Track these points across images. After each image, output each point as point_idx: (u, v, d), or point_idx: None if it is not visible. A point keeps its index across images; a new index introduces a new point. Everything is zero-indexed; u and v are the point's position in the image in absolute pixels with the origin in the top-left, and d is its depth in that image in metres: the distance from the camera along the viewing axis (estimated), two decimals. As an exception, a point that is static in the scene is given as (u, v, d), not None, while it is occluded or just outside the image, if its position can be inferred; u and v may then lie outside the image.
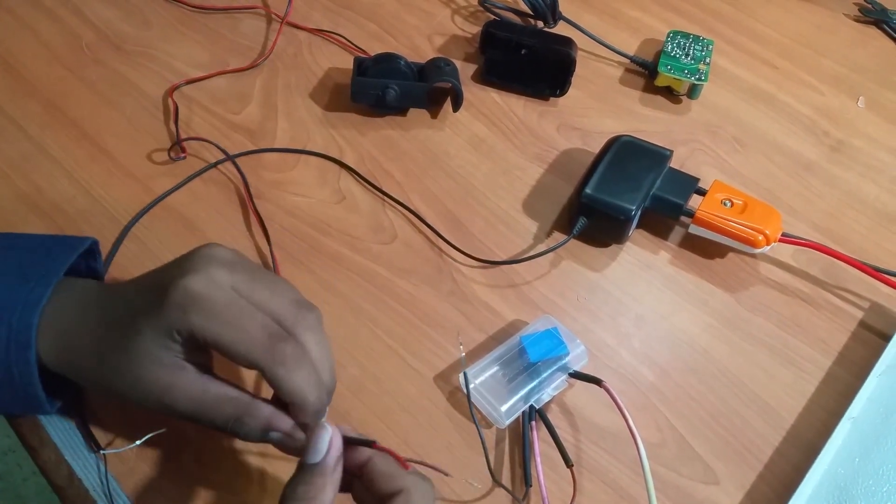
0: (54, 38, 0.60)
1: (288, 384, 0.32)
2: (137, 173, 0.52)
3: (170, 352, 0.33)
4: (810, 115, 0.60)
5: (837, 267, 0.50)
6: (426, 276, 0.49)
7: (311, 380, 0.33)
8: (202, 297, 0.33)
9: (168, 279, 0.33)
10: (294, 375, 0.33)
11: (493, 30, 0.58)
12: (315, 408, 0.33)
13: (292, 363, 0.33)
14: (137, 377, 0.33)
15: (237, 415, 0.34)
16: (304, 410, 0.33)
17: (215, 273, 0.33)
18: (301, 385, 0.33)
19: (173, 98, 0.56)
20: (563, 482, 0.41)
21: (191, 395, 0.33)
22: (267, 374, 0.32)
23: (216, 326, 0.32)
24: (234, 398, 0.34)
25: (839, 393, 0.45)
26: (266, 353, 0.32)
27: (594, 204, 0.49)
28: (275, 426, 0.34)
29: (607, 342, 0.47)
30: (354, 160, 0.54)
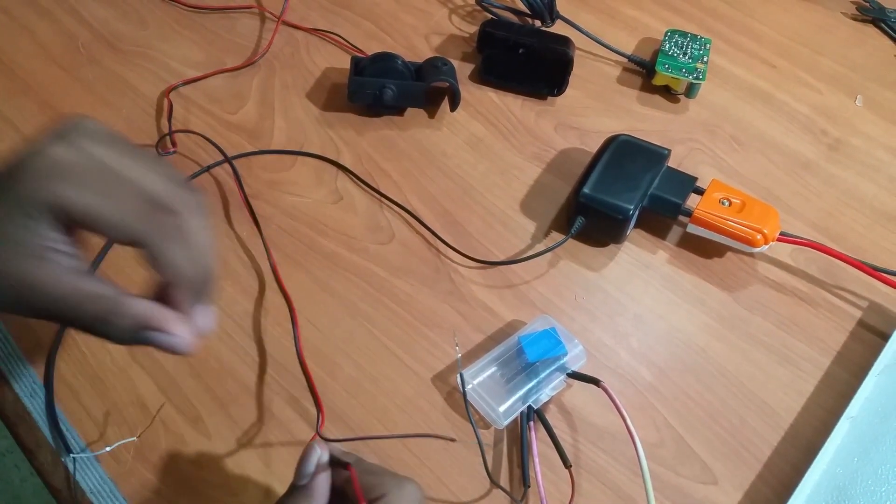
0: (50, 38, 0.60)
1: (169, 256, 0.30)
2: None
3: (31, 234, 0.28)
4: (808, 113, 0.60)
5: (836, 266, 0.50)
6: (424, 277, 0.49)
7: (193, 255, 0.30)
8: (70, 164, 0.28)
9: (30, 149, 0.29)
10: (176, 247, 0.30)
11: (490, 29, 0.58)
12: (196, 284, 0.31)
13: (175, 235, 0.30)
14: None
15: (105, 313, 0.29)
16: (185, 286, 0.31)
17: (86, 143, 0.29)
18: (183, 258, 0.30)
19: (169, 98, 0.56)
20: (562, 483, 0.41)
21: (55, 291, 0.29)
22: (146, 244, 0.29)
23: (87, 195, 0.28)
24: (102, 295, 0.30)
25: (838, 392, 0.45)
26: (145, 223, 0.29)
27: (592, 203, 0.48)
28: (149, 323, 0.30)
29: (605, 342, 0.47)
30: (352, 160, 0.54)
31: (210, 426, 0.42)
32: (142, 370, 0.43)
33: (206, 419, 0.42)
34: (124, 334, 0.30)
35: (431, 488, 0.41)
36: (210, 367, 0.44)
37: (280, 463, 0.41)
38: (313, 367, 0.44)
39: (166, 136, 0.53)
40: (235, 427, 0.42)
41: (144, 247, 0.29)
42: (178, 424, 0.42)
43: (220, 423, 0.42)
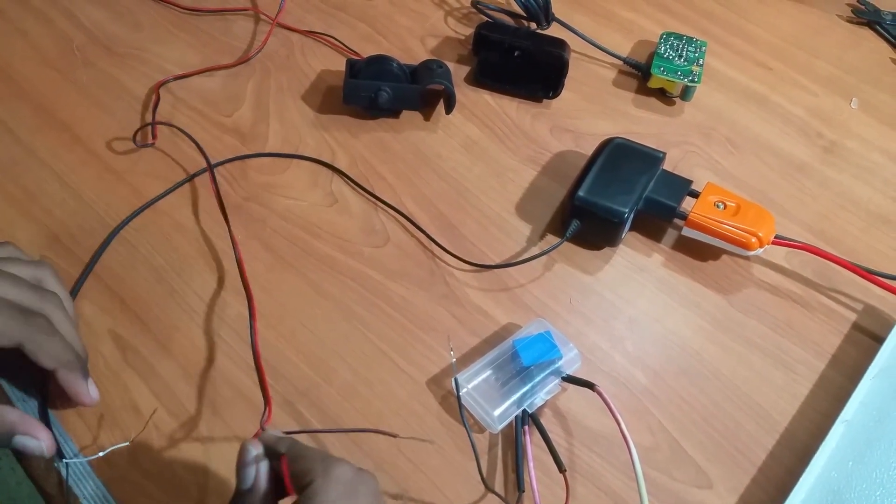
0: (44, 41, 0.60)
1: (50, 349, 0.36)
2: (128, 177, 0.52)
3: None
4: (803, 116, 0.60)
5: (830, 269, 0.50)
6: (418, 280, 0.49)
7: (67, 344, 0.37)
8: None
9: None
10: (51, 342, 0.36)
11: (485, 32, 0.58)
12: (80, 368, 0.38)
13: (48, 331, 0.36)
14: None
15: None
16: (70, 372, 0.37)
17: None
18: (58, 348, 0.37)
19: (158, 93, 0.55)
20: (556, 487, 0.41)
21: None
22: (28, 345, 0.35)
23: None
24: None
25: (832, 396, 0.45)
26: (23, 327, 0.35)
27: (587, 206, 0.48)
28: (20, 430, 0.36)
29: (600, 345, 0.47)
30: (346, 163, 0.54)
31: (204, 431, 0.42)
32: (135, 374, 0.43)
33: (199, 424, 0.42)
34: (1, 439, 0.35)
35: (426, 492, 0.41)
36: (204, 371, 0.44)
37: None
38: (308, 371, 0.44)
39: (148, 125, 0.54)
40: (230, 431, 0.42)
41: (26, 346, 0.35)
42: (171, 429, 0.41)
43: (215, 428, 0.42)
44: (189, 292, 0.47)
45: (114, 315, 0.45)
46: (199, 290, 0.47)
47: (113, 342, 0.44)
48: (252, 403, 0.43)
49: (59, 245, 0.48)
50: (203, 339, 0.45)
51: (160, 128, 0.54)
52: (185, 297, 0.47)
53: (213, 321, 0.46)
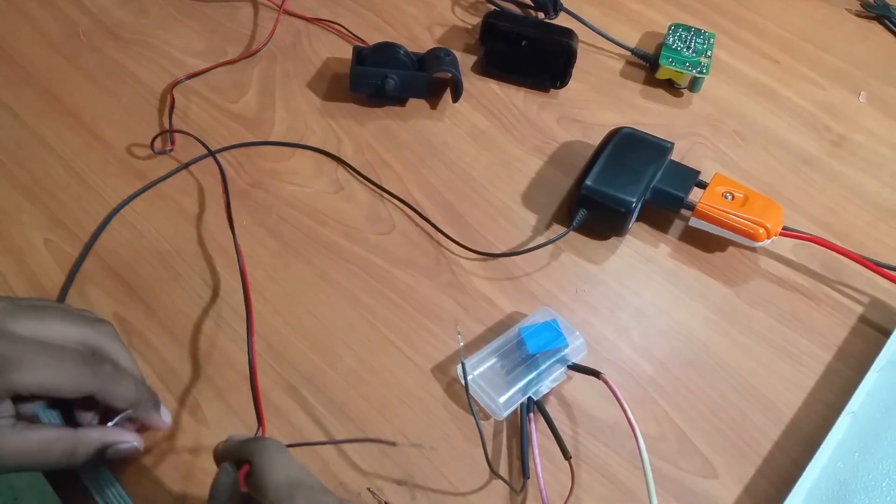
0: (50, 25, 0.59)
1: (121, 394, 0.36)
2: (133, 161, 0.52)
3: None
4: (811, 109, 0.60)
5: (838, 261, 0.50)
6: (424, 267, 0.48)
7: (134, 382, 0.37)
8: (12, 356, 0.33)
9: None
10: (121, 386, 0.36)
11: (493, 20, 0.58)
12: (150, 401, 0.39)
13: (116, 377, 0.36)
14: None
15: (69, 450, 0.35)
16: (142, 408, 0.38)
17: (9, 324, 0.34)
18: (130, 390, 0.37)
19: (172, 94, 0.55)
20: (561, 474, 0.41)
21: (15, 446, 0.33)
22: (100, 395, 0.35)
23: (38, 376, 0.33)
24: (58, 437, 0.35)
25: (838, 387, 0.45)
26: (92, 379, 0.35)
27: (594, 196, 0.48)
28: (109, 441, 0.36)
29: (606, 335, 0.47)
30: (352, 150, 0.54)
31: (209, 415, 0.41)
32: (140, 357, 0.43)
33: (204, 408, 0.42)
34: (92, 459, 0.36)
35: (430, 479, 0.40)
36: (209, 355, 0.44)
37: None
38: (314, 357, 0.44)
39: (166, 132, 0.53)
40: (234, 416, 0.42)
41: (98, 396, 0.35)
42: (176, 413, 0.41)
43: (220, 412, 0.42)
44: (194, 277, 0.47)
45: (119, 298, 0.45)
46: (205, 275, 0.47)
47: (118, 325, 0.43)
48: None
49: (63, 229, 0.48)
50: (209, 323, 0.45)
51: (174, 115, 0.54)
52: (191, 282, 0.46)
53: (219, 306, 0.46)
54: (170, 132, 0.53)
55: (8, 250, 0.47)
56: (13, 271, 0.46)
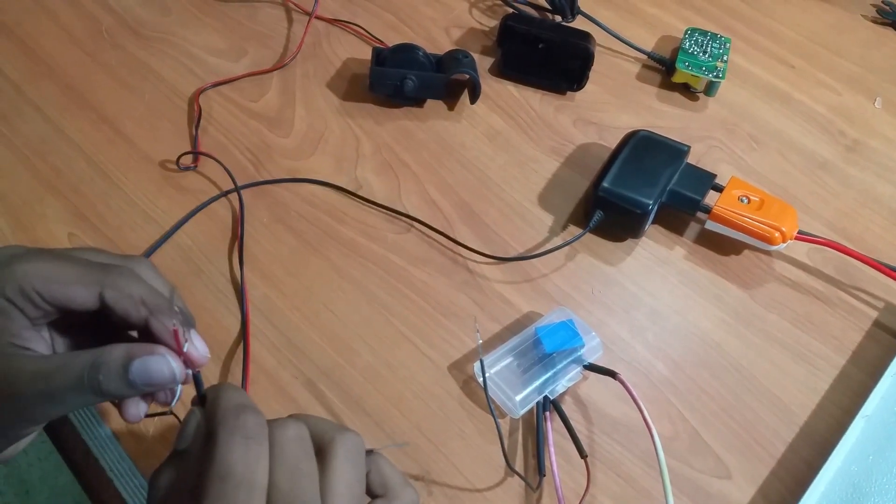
0: (74, 22, 0.60)
1: (134, 291, 0.31)
2: (155, 157, 0.52)
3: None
4: (826, 114, 0.60)
5: (852, 266, 0.50)
6: (441, 266, 0.49)
7: (156, 290, 0.32)
8: (22, 252, 0.31)
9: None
10: (139, 285, 0.31)
11: (511, 23, 0.58)
12: (173, 311, 0.31)
13: (134, 277, 0.31)
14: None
15: (90, 360, 0.29)
16: (165, 312, 0.31)
17: (27, 247, 0.32)
18: (147, 292, 0.31)
19: (198, 103, 0.55)
20: (577, 473, 0.41)
21: (33, 368, 0.29)
22: (108, 292, 0.30)
23: (47, 266, 0.30)
24: (79, 353, 0.30)
25: (852, 391, 0.45)
26: (103, 272, 0.31)
27: (611, 198, 0.49)
28: (136, 352, 0.30)
29: (621, 335, 0.47)
30: (371, 150, 0.54)
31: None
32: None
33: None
34: (115, 373, 0.29)
35: (446, 475, 0.41)
36: (230, 350, 0.44)
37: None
38: (331, 352, 0.45)
39: (191, 153, 0.53)
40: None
41: (106, 294, 0.30)
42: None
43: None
44: (215, 273, 0.47)
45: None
46: (225, 271, 0.47)
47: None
48: (276, 383, 0.43)
49: (85, 222, 0.49)
50: (230, 318, 0.45)
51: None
52: (212, 278, 0.47)
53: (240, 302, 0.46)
54: (195, 153, 0.53)
55: (32, 243, 0.48)
56: (37, 264, 0.47)
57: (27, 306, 0.30)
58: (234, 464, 0.26)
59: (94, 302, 0.30)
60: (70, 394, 0.29)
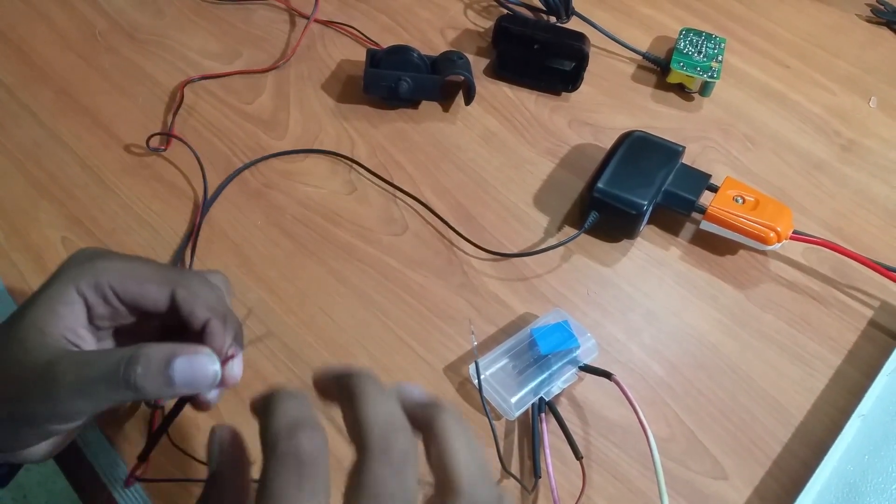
0: (67, 26, 0.60)
1: (205, 296, 0.32)
2: (149, 161, 0.52)
3: (57, 321, 0.30)
4: (822, 114, 0.60)
5: (848, 265, 0.50)
6: (437, 268, 0.49)
7: (218, 295, 0.33)
8: (102, 250, 0.33)
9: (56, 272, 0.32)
10: (209, 290, 0.33)
11: (506, 24, 0.58)
12: (235, 324, 0.33)
13: (205, 281, 0.33)
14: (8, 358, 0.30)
15: (129, 354, 0.29)
16: (228, 320, 0.32)
17: (105, 248, 0.34)
18: (216, 298, 0.32)
19: (182, 92, 0.56)
20: (572, 474, 0.41)
21: (74, 358, 0.29)
22: (181, 291, 0.32)
23: (121, 263, 0.32)
24: (118, 348, 0.30)
25: (848, 391, 0.45)
26: (176, 273, 0.32)
27: (606, 198, 0.49)
28: (178, 352, 0.29)
29: (617, 337, 0.47)
30: (366, 152, 0.54)
31: (224, 412, 0.42)
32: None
33: (220, 404, 0.42)
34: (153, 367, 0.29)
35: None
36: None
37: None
38: (328, 356, 0.45)
39: (165, 135, 0.53)
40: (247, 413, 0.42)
41: (179, 293, 0.31)
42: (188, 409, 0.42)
43: (235, 409, 0.42)
44: (210, 276, 0.47)
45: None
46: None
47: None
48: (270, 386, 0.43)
49: (80, 227, 0.49)
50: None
51: (189, 113, 0.55)
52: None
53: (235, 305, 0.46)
54: (168, 135, 0.53)
55: (26, 248, 0.48)
56: (31, 269, 0.47)
57: (98, 303, 0.31)
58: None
59: (166, 301, 0.32)
60: (102, 386, 0.29)
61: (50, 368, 0.29)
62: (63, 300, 0.31)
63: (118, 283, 0.31)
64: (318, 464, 0.24)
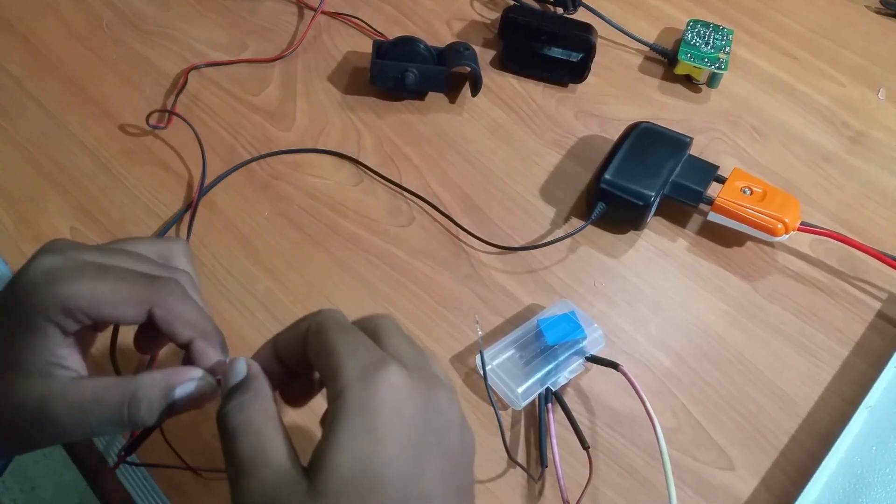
0: (74, 17, 0.60)
1: (184, 313, 0.30)
2: (156, 151, 0.52)
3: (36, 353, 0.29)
4: (830, 106, 0.60)
5: (855, 257, 0.50)
6: (443, 259, 0.49)
7: (204, 311, 0.31)
8: (62, 267, 0.29)
9: (18, 272, 0.30)
10: (188, 306, 0.30)
11: (513, 15, 0.58)
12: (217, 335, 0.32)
13: (182, 295, 0.30)
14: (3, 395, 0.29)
15: (129, 393, 0.29)
16: (211, 336, 0.31)
17: (68, 251, 0.30)
18: (196, 314, 0.31)
19: (186, 76, 0.56)
20: (579, 464, 0.41)
21: (70, 398, 0.28)
22: (159, 310, 0.30)
23: (89, 285, 0.29)
24: (116, 381, 0.29)
25: (855, 382, 0.45)
26: (152, 290, 0.30)
27: (613, 189, 0.48)
28: (175, 381, 0.29)
29: (623, 327, 0.47)
30: (372, 143, 0.54)
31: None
32: (164, 345, 0.43)
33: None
34: (156, 403, 0.29)
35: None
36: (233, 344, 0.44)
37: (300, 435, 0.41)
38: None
39: (165, 112, 0.54)
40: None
41: (157, 312, 0.29)
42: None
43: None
44: (219, 267, 0.47)
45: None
46: (229, 265, 0.47)
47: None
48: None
49: (88, 217, 0.49)
50: (233, 312, 0.46)
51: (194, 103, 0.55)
52: (215, 272, 0.47)
53: (242, 296, 0.46)
54: (169, 112, 0.54)
55: (35, 238, 0.48)
56: (40, 258, 0.47)
57: (69, 323, 0.29)
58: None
59: (143, 318, 0.30)
60: (107, 426, 0.29)
61: (44, 407, 0.28)
62: (33, 330, 0.29)
63: (88, 308, 0.29)
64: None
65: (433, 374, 0.29)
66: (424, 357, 0.29)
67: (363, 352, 0.27)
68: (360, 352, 0.27)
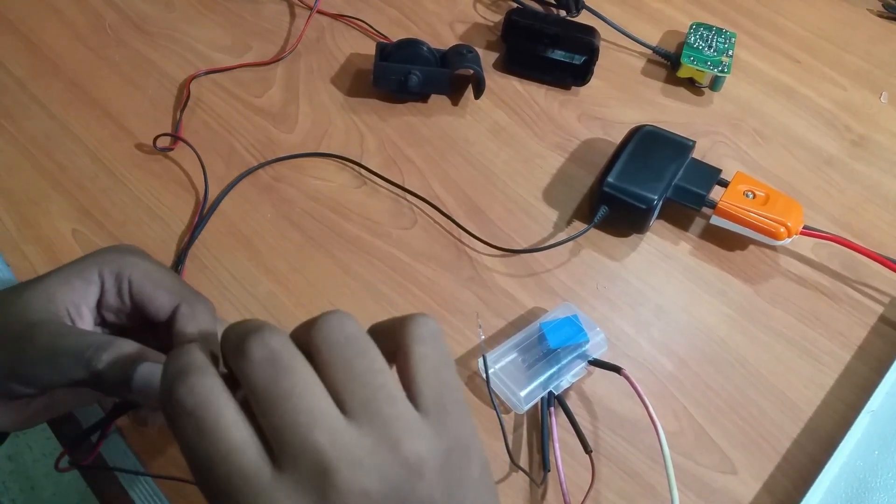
0: (77, 18, 0.60)
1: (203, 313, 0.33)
2: (159, 156, 0.52)
3: (64, 293, 0.32)
4: (832, 109, 0.60)
5: (858, 261, 0.50)
6: (445, 262, 0.49)
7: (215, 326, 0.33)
8: (137, 250, 0.35)
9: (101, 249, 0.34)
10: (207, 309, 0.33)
11: (516, 18, 0.58)
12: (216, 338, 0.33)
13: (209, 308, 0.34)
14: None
15: (98, 342, 0.30)
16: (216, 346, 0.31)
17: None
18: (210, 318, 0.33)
19: (189, 88, 0.56)
20: (581, 468, 0.41)
21: (52, 329, 0.30)
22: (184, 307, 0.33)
23: (147, 263, 0.33)
24: (97, 333, 0.32)
25: (858, 386, 0.45)
26: (189, 292, 0.34)
27: (616, 193, 0.48)
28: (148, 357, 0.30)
29: (626, 331, 0.47)
30: (375, 146, 0.54)
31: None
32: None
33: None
34: (119, 361, 0.30)
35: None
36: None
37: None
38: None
39: (171, 136, 0.53)
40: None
41: (182, 309, 0.32)
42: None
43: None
44: (220, 268, 0.47)
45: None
46: (231, 266, 0.47)
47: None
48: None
49: (90, 219, 0.49)
50: (235, 314, 0.45)
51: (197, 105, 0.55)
52: (217, 273, 0.47)
53: (244, 297, 0.46)
54: (174, 136, 0.53)
55: (37, 239, 0.48)
56: (42, 260, 0.47)
57: (112, 290, 0.33)
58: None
59: (168, 312, 0.33)
60: (67, 361, 0.30)
61: (31, 329, 0.30)
62: (82, 276, 0.32)
63: (137, 279, 0.33)
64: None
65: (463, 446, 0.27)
66: (458, 408, 0.28)
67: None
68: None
